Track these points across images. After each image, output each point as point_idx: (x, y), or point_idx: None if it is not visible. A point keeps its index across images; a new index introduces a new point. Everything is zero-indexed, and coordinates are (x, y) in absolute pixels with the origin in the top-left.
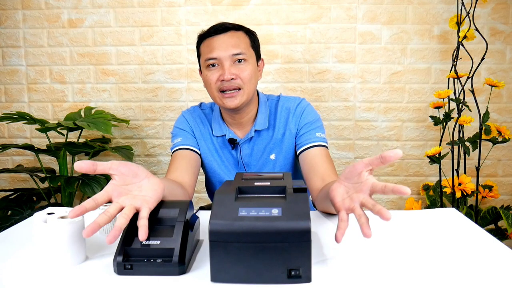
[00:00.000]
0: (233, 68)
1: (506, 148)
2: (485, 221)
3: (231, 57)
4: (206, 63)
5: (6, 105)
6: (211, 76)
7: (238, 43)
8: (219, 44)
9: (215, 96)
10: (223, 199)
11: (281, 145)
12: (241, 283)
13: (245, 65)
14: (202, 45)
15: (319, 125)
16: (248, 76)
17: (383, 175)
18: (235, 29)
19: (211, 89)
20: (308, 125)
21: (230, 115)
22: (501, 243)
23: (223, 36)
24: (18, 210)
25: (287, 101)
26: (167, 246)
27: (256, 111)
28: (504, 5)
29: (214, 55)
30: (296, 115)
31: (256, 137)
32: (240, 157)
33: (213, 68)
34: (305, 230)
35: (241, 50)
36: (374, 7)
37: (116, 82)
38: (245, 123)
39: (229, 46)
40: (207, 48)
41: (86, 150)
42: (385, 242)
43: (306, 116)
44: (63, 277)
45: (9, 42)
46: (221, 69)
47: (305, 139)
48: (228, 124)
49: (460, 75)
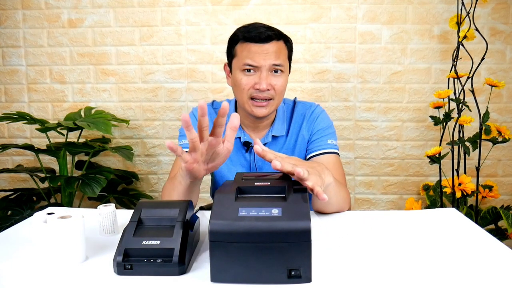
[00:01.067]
0: (270, 79)
1: (506, 148)
2: (485, 221)
3: (270, 67)
4: (243, 67)
5: (6, 105)
6: (246, 81)
7: (279, 55)
8: (261, 52)
9: (244, 102)
10: (223, 199)
11: (293, 150)
12: (241, 283)
13: (281, 76)
14: (240, 46)
15: (331, 132)
16: (281, 87)
17: (383, 175)
18: (277, 39)
19: (241, 93)
20: (320, 132)
21: (250, 119)
22: (501, 243)
23: (266, 46)
24: (18, 210)
25: (303, 106)
26: (167, 246)
27: (274, 117)
28: (504, 5)
29: (256, 63)
30: (310, 121)
31: (272, 142)
32: (254, 160)
33: (249, 73)
34: (305, 230)
35: (281, 62)
36: (374, 7)
37: (116, 82)
38: (262, 128)
39: (271, 57)
40: (247, 53)
41: (86, 150)
42: (385, 242)
43: (320, 123)
44: (63, 277)
45: (9, 42)
46: (258, 77)
47: (316, 145)
48: (243, 126)
49: (460, 75)
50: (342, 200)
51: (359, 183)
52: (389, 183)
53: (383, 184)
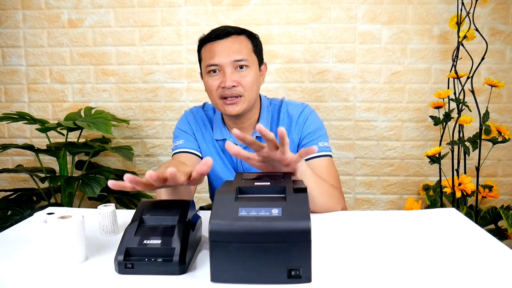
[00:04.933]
0: (235, 75)
1: (506, 148)
2: (485, 221)
3: (232, 63)
4: (207, 69)
5: (6, 105)
6: (212, 82)
7: (240, 49)
8: (221, 50)
9: (216, 103)
10: (223, 199)
11: None
12: (241, 283)
13: (247, 72)
14: (203, 49)
15: (322, 134)
16: (249, 83)
17: (383, 175)
18: (237, 34)
19: (212, 95)
20: (310, 135)
21: (231, 120)
22: (501, 243)
23: (225, 42)
24: (18, 210)
25: (290, 107)
26: (168, 246)
27: (258, 116)
28: (504, 5)
29: (216, 61)
30: (299, 124)
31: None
32: (240, 162)
33: (214, 74)
34: (305, 230)
35: (243, 56)
36: (374, 7)
37: (116, 82)
38: (247, 128)
39: (231, 52)
40: (208, 54)
41: (86, 150)
42: (385, 242)
43: (309, 125)
44: (63, 277)
45: (9, 42)
46: (223, 76)
47: None
48: (229, 128)
49: (460, 75)
50: (327, 197)
51: (359, 183)
52: (389, 183)
53: (383, 184)
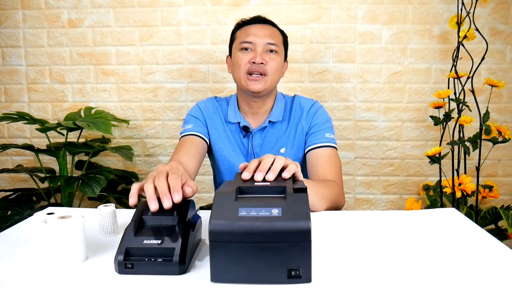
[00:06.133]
0: (265, 55)
1: (506, 148)
2: (485, 221)
3: (265, 45)
4: (240, 45)
5: (6, 105)
6: (243, 57)
7: (273, 35)
8: (257, 31)
9: (241, 78)
10: (223, 199)
11: (293, 141)
12: (241, 283)
13: (275, 56)
14: (239, 31)
15: (329, 126)
16: (275, 66)
17: (383, 175)
18: (272, 25)
19: (239, 70)
20: (318, 125)
21: (248, 103)
22: (501, 243)
23: (262, 26)
24: (18, 210)
25: (302, 100)
26: (168, 246)
27: (272, 105)
28: (504, 5)
29: (250, 39)
30: (310, 115)
31: (269, 128)
32: (251, 146)
33: (246, 51)
34: (305, 230)
35: (275, 41)
36: (374, 7)
37: (116, 82)
38: (261, 114)
39: (266, 35)
40: (244, 33)
41: (86, 150)
42: (385, 242)
43: (318, 117)
44: (63, 277)
45: (9, 42)
46: (254, 53)
47: (315, 138)
48: (243, 113)
49: (460, 75)
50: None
51: (359, 183)
52: (389, 183)
53: (383, 184)
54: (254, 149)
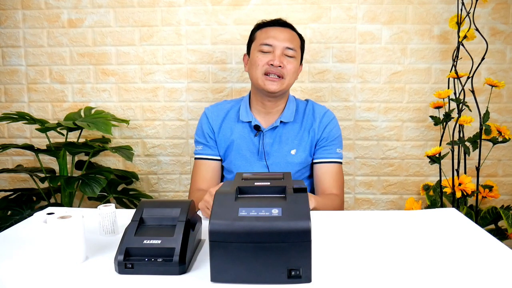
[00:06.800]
0: (283, 58)
1: (506, 148)
2: (485, 221)
3: (283, 49)
4: (260, 47)
5: (6, 105)
6: (262, 58)
7: (292, 40)
8: (277, 34)
9: (257, 78)
10: (223, 199)
11: (305, 144)
12: (241, 283)
13: (292, 60)
14: (259, 31)
15: (340, 141)
16: (292, 69)
17: (383, 175)
18: (292, 29)
19: (256, 70)
20: (331, 139)
21: (262, 102)
22: (501, 243)
23: (282, 29)
24: (18, 210)
25: (316, 106)
26: (168, 246)
27: (284, 106)
28: (504, 5)
29: (270, 42)
30: (323, 123)
31: (281, 127)
32: (262, 145)
33: (265, 53)
34: (305, 230)
35: (293, 46)
36: (374, 7)
37: (116, 82)
38: (273, 114)
39: (285, 39)
40: (264, 34)
41: (86, 150)
42: (385, 242)
43: (332, 129)
44: (63, 277)
45: (9, 42)
46: (273, 55)
47: (325, 153)
48: (254, 113)
49: (460, 75)
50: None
51: (359, 183)
52: (389, 183)
53: (383, 184)
54: (265, 148)
